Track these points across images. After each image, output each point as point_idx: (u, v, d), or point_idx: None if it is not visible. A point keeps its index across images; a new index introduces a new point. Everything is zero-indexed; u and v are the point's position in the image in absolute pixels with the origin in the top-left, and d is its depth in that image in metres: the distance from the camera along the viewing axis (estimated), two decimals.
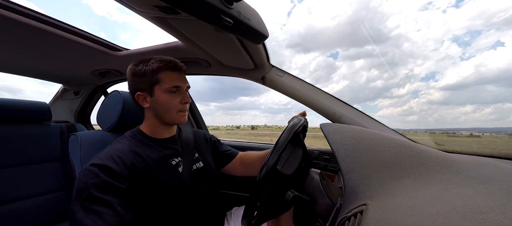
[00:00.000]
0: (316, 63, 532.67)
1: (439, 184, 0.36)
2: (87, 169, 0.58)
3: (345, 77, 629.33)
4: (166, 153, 0.73)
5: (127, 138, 0.71)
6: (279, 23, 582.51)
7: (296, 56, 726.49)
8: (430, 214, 0.27)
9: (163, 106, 0.71)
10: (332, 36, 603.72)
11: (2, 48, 0.96)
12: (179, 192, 0.70)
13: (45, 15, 0.81)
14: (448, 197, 0.31)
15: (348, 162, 0.45)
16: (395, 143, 0.49)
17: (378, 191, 0.37)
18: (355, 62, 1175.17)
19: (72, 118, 1.68)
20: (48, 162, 1.17)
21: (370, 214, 0.31)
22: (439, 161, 0.43)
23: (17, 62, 1.14)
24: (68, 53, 1.06)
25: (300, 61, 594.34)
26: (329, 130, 0.55)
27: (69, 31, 0.89)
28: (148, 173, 0.65)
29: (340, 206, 0.44)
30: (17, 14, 0.73)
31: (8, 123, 1.09)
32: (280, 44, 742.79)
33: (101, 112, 0.92)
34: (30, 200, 1.07)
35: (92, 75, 1.36)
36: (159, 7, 0.58)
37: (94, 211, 0.52)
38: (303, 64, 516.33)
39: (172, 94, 0.71)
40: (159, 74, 0.69)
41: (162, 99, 0.70)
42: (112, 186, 0.57)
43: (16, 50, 0.98)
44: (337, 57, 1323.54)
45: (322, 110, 1.04)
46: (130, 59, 1.10)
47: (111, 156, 0.61)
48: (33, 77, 1.42)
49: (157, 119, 0.74)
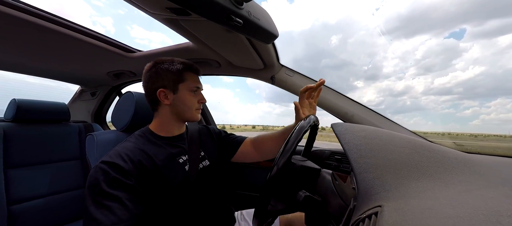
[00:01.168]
0: (425, 49, 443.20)
1: (459, 185, 0.35)
2: (97, 167, 0.61)
3: (479, 62, 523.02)
4: (173, 152, 0.74)
5: (136, 137, 0.74)
6: (369, 8, 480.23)
7: (393, 44, 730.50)
8: (450, 216, 0.26)
9: (185, 103, 0.76)
10: (453, 10, 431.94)
11: (26, 52, 1.02)
12: (185, 190, 0.71)
13: (65, 19, 0.85)
14: (469, 199, 0.30)
15: (361, 162, 0.44)
16: (411, 143, 0.48)
17: (393, 193, 0.36)
18: (498, 39, 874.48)
19: (89, 117, 1.75)
20: (68, 160, 1.23)
21: (386, 216, 0.30)
22: (459, 162, 0.41)
23: (40, 65, 1.20)
24: (86, 56, 1.10)
25: (398, 49, 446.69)
26: (340, 130, 0.54)
27: (87, 34, 0.92)
28: (154, 171, 0.66)
29: (354, 207, 0.43)
30: (40, 19, 0.77)
31: (31, 123, 1.15)
32: (371, 33, 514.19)
33: (115, 113, 0.95)
34: (51, 197, 1.12)
35: (108, 76, 1.41)
36: (170, 9, 0.59)
37: (105, 205, 0.56)
38: (404, 52, 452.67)
39: (193, 93, 0.77)
40: (184, 74, 0.75)
41: (185, 97, 0.76)
42: (121, 182, 0.60)
43: (38, 53, 1.04)
44: (462, 37, 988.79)
45: (334, 110, 1.02)
46: (143, 60, 1.13)
47: (119, 154, 0.64)
48: (54, 79, 1.50)
49: (174, 115, 0.77)
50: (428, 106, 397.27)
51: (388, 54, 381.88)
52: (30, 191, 1.06)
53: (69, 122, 1.32)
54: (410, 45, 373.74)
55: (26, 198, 1.05)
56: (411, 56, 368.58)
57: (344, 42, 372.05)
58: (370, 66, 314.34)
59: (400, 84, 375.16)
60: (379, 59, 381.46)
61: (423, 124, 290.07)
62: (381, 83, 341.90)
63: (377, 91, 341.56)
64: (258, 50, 0.89)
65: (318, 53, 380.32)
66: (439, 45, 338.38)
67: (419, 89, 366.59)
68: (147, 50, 1.10)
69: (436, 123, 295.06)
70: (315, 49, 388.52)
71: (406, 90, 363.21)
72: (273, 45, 0.90)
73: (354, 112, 0.99)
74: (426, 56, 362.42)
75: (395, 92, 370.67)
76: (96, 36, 0.95)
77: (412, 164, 0.41)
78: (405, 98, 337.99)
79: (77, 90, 1.78)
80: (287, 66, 1.08)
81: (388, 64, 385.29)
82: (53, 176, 1.15)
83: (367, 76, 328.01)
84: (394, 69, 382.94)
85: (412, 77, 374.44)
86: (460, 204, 0.28)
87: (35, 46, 0.95)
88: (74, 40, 0.91)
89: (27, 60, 1.11)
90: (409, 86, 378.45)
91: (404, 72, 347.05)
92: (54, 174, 1.16)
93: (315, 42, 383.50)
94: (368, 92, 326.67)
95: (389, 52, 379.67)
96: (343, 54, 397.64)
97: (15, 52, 1.00)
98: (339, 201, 0.53)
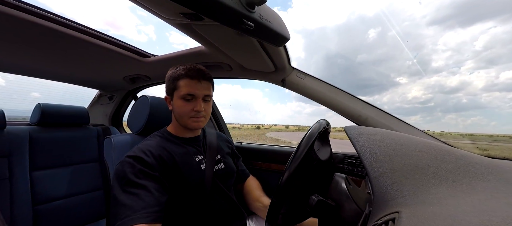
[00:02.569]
0: (488, 39, 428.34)
1: (483, 192, 0.33)
2: (124, 161, 0.66)
3: None
4: (190, 150, 0.78)
5: (155, 136, 0.79)
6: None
7: (446, 34, 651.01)
8: (473, 225, 0.24)
9: (177, 111, 0.78)
10: None
11: (50, 59, 1.08)
12: (201, 189, 0.73)
13: (84, 26, 0.89)
14: (495, 207, 0.28)
15: (376, 166, 0.42)
16: (430, 147, 0.46)
17: (411, 198, 0.34)
18: None
19: (107, 121, 1.82)
20: (87, 162, 1.28)
21: (404, 222, 0.29)
22: (483, 167, 0.39)
23: (63, 71, 1.26)
24: (104, 61, 1.15)
25: (452, 40, 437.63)
26: (354, 133, 0.53)
27: (104, 39, 0.96)
28: (173, 167, 0.71)
29: (369, 213, 0.42)
30: (61, 26, 0.81)
31: (54, 127, 1.21)
32: (418, 23, 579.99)
33: (131, 116, 0.98)
34: (72, 198, 1.17)
35: (124, 80, 1.46)
36: (184, 14, 0.60)
37: (133, 193, 0.61)
38: (459, 43, 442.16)
39: (185, 101, 0.75)
40: (178, 81, 0.75)
41: (177, 105, 0.77)
42: (146, 173, 0.64)
43: (60, 59, 1.09)
44: None
45: (346, 112, 1.00)
46: (157, 64, 1.17)
47: (142, 149, 0.69)
48: (75, 84, 1.57)
49: (177, 121, 0.81)
50: (491, 104, 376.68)
51: (438, 47, 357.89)
52: (53, 192, 1.11)
53: (88, 125, 1.38)
54: (468, 35, 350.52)
55: (50, 199, 1.10)
56: (468, 47, 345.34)
57: (383, 36, 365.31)
58: (415, 60, 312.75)
59: (454, 79, 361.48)
60: (426, 52, 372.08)
61: (485, 124, 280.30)
62: (429, 79, 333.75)
63: (424, 88, 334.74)
64: (269, 53, 0.89)
65: (353, 49, 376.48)
66: (506, 34, 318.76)
67: (478, 85, 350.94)
68: (161, 54, 1.13)
69: (502, 123, 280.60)
70: (351, 45, 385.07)
71: (462, 87, 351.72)
72: (284, 48, 0.90)
73: (367, 115, 0.97)
74: (488, 47, 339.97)
75: (447, 89, 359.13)
76: (113, 42, 0.99)
77: (431, 169, 0.39)
78: (460, 95, 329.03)
79: (96, 94, 1.86)
80: (298, 69, 1.07)
81: (438, 58, 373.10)
82: (74, 178, 1.20)
83: (412, 72, 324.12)
84: (445, 63, 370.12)
85: (469, 72, 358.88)
86: (485, 212, 0.27)
87: (56, 52, 1.00)
88: (93, 46, 0.95)
89: (49, 65, 1.16)
90: (465, 82, 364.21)
91: (459, 66, 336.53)
92: (74, 175, 1.21)
93: (351, 37, 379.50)
94: (413, 89, 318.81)
95: (440, 44, 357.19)
96: (382, 48, 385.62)
97: (37, 57, 1.06)
98: (353, 206, 0.52)
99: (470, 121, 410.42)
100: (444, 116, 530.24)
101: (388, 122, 0.94)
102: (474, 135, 18.29)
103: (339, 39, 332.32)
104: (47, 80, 1.43)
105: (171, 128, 0.83)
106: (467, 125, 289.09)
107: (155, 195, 0.62)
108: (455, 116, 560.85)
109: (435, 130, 72.63)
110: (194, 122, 0.77)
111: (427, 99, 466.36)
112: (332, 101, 1.01)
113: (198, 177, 0.74)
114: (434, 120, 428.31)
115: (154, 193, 0.62)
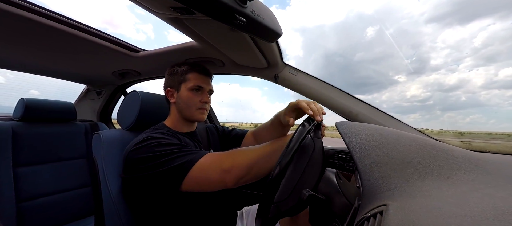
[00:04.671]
0: (486, 35, 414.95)
1: (466, 184, 0.34)
2: (142, 139, 0.67)
3: None
4: (188, 142, 0.80)
5: (154, 129, 0.78)
6: None
7: (444, 32, 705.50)
8: (456, 215, 0.26)
9: (185, 102, 0.80)
10: None
11: (34, 53, 1.03)
12: None
13: (72, 19, 0.86)
14: (477, 198, 0.29)
15: (366, 161, 0.43)
16: (417, 141, 0.47)
17: (399, 191, 0.35)
18: None
19: (95, 117, 1.77)
20: (74, 159, 1.25)
21: (391, 215, 0.30)
22: (466, 160, 0.40)
23: (48, 65, 1.21)
24: (92, 55, 1.11)
25: (451, 37, 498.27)
26: (345, 129, 0.54)
27: (92, 33, 0.93)
28: None
29: (358, 206, 0.43)
30: (47, 19, 0.78)
31: (39, 122, 1.17)
32: (417, 21, 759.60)
33: (120, 112, 0.96)
34: (59, 195, 1.14)
35: (113, 76, 1.42)
36: (175, 8, 0.59)
37: (177, 148, 0.64)
38: (458, 41, 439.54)
39: (194, 92, 0.80)
40: (187, 74, 0.81)
41: (185, 96, 0.80)
42: (169, 141, 0.68)
43: (46, 53, 1.05)
44: None
45: (338, 108, 1.02)
46: (148, 59, 1.14)
47: (152, 134, 0.71)
48: (61, 78, 1.52)
49: (179, 114, 0.82)
50: (490, 102, 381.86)
51: (437, 44, 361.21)
52: (39, 189, 1.09)
53: (76, 121, 1.34)
54: (466, 32, 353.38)
55: (35, 196, 1.07)
56: (467, 45, 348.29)
57: (382, 34, 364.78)
58: (414, 58, 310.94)
59: (452, 77, 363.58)
60: (425, 50, 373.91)
61: (484, 122, 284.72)
62: (428, 77, 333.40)
63: (423, 86, 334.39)
64: (261, 49, 0.89)
65: (352, 47, 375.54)
66: (505, 30, 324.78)
67: (477, 83, 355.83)
68: (151, 49, 1.11)
69: (500, 121, 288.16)
70: (349, 43, 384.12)
71: (460, 84, 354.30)
72: (276, 44, 0.90)
73: (358, 110, 0.98)
74: (487, 43, 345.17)
75: (446, 86, 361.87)
76: (101, 36, 0.96)
77: (418, 162, 0.40)
78: (459, 93, 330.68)
79: (83, 89, 1.80)
80: (291, 65, 1.08)
81: (436, 56, 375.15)
82: (61, 174, 1.17)
83: (410, 70, 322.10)
84: (444, 60, 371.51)
85: (468, 69, 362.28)
86: (467, 203, 0.28)
87: (41, 45, 0.97)
88: (80, 40, 0.92)
89: (34, 60, 1.12)
90: (464, 80, 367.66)
91: (458, 64, 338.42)
92: (61, 172, 1.18)
93: (349, 35, 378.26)
94: (412, 87, 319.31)
95: (438, 41, 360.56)
96: (381, 46, 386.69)
97: (21, 52, 1.02)
98: (343, 200, 0.53)
99: (469, 119, 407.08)
100: (443, 114, 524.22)
101: (377, 118, 0.97)
102: (472, 132, 18.72)
103: (337, 38, 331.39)
104: (47, 78, 1.42)
105: (169, 122, 0.84)
106: (466, 123, 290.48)
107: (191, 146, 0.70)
108: (454, 114, 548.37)
109: (434, 128, 72.91)
110: (200, 114, 0.82)
111: (426, 98, 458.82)
112: (324, 97, 1.03)
113: None
114: (433, 118, 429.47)
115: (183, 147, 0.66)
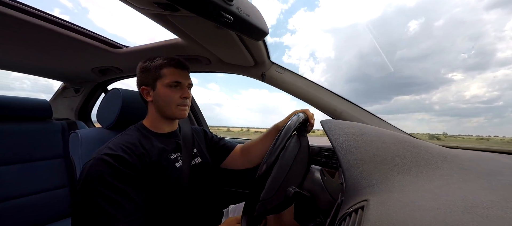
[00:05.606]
0: None
1: (440, 179, 0.36)
2: (100, 158, 0.59)
3: None
4: (166, 147, 0.74)
5: (133, 130, 0.74)
6: None
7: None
8: (431, 208, 0.27)
9: (163, 99, 0.74)
10: None
11: (2, 46, 0.96)
12: (178, 187, 0.71)
13: (46, 13, 0.81)
14: (449, 192, 0.31)
15: (349, 158, 0.45)
16: (396, 139, 0.49)
17: (379, 187, 0.37)
18: None
19: (73, 115, 1.69)
20: (50, 159, 1.18)
21: (371, 210, 0.31)
22: (440, 157, 0.43)
23: (18, 60, 1.14)
24: (68, 51, 1.05)
25: None
26: (329, 127, 0.55)
27: (69, 28, 0.88)
28: (150, 166, 0.66)
29: (341, 202, 0.44)
30: (18, 12, 0.73)
31: (7, 120, 1.09)
32: (474, 7, 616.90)
33: (100, 110, 0.92)
34: (33, 196, 1.08)
35: (92, 72, 1.36)
36: (159, 4, 0.57)
37: (113, 199, 0.55)
38: None
39: (172, 88, 0.74)
40: (162, 70, 0.73)
41: (163, 93, 0.73)
42: (127, 175, 0.60)
43: (16, 48, 0.98)
44: None
45: (323, 107, 1.04)
46: (130, 56, 1.10)
47: (121, 147, 0.63)
48: (34, 74, 1.43)
49: (158, 113, 0.76)
50: None
51: (504, 33, 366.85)
52: (10, 190, 1.02)
53: (52, 119, 1.27)
54: None
55: (8, 197, 1.01)
56: None
57: (428, 27, 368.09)
58: (472, 52, 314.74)
59: None
60: (488, 41, 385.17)
61: None
62: (494, 73, 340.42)
63: (487, 84, 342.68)
64: (248, 47, 0.89)
65: (391, 44, 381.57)
66: None
67: None
68: (134, 46, 1.07)
69: None
70: (387, 40, 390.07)
71: None
72: (263, 42, 0.90)
73: (343, 109, 1.01)
74: None
75: None
76: (79, 31, 0.91)
77: (397, 159, 0.42)
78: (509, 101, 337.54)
79: (59, 86, 1.70)
80: (277, 64, 1.08)
81: (504, 47, 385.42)
82: (36, 175, 1.11)
83: (468, 66, 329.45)
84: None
85: None
86: (440, 196, 0.30)
87: (13, 40, 0.90)
88: (55, 34, 0.86)
89: (5, 55, 1.05)
90: None
91: None
92: (35, 172, 1.11)
93: (387, 31, 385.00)
94: (472, 86, 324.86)
95: (507, 29, 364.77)
96: (427, 41, 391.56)
97: None
98: (327, 196, 0.54)
99: None
100: None
101: (361, 116, 1.00)
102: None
103: (374, 35, 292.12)
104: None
105: (148, 122, 0.78)
106: None
107: (135, 200, 0.59)
108: None
109: (506, 135, 32.59)
110: (182, 110, 0.76)
111: (492, 98, 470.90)
112: (310, 95, 1.05)
113: (174, 175, 0.71)
114: (504, 123, 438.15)
115: (134, 198, 0.59)
